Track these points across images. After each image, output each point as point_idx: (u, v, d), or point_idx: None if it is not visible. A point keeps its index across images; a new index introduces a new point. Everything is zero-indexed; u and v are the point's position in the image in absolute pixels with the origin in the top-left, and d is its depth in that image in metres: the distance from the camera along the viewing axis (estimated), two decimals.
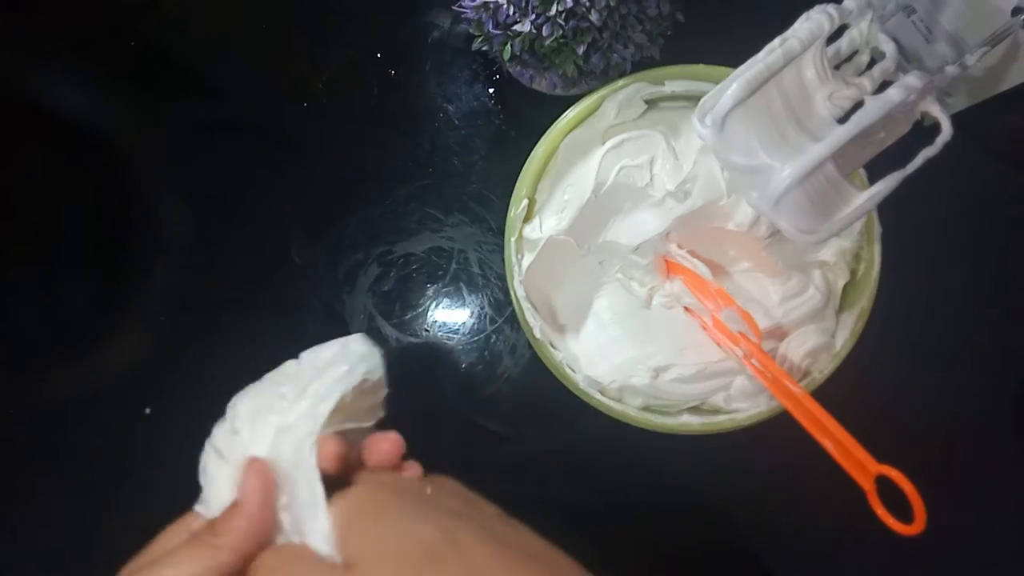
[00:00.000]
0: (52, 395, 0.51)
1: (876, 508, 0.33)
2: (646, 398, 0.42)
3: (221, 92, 0.54)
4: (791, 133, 0.32)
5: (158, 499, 0.48)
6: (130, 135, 0.53)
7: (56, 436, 0.51)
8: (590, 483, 0.51)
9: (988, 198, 0.50)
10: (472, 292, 0.51)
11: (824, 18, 0.32)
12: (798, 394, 0.37)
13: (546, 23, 0.38)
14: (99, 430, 0.51)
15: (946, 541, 0.49)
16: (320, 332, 0.51)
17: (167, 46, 0.53)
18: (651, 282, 0.44)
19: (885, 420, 0.44)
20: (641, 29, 0.40)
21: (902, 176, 0.32)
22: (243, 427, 0.32)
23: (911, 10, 0.43)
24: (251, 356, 0.50)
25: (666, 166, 0.43)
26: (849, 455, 0.34)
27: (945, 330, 0.50)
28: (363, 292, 0.51)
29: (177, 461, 0.51)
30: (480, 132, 0.52)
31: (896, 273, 0.41)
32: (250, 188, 0.51)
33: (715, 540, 0.51)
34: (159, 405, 0.51)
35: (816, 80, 0.32)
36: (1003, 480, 0.50)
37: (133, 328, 0.50)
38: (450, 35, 0.52)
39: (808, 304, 0.42)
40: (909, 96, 0.31)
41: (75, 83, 0.53)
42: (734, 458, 0.48)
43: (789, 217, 0.32)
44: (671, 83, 0.42)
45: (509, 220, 0.42)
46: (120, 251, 0.52)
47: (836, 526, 0.49)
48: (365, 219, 0.52)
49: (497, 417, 0.50)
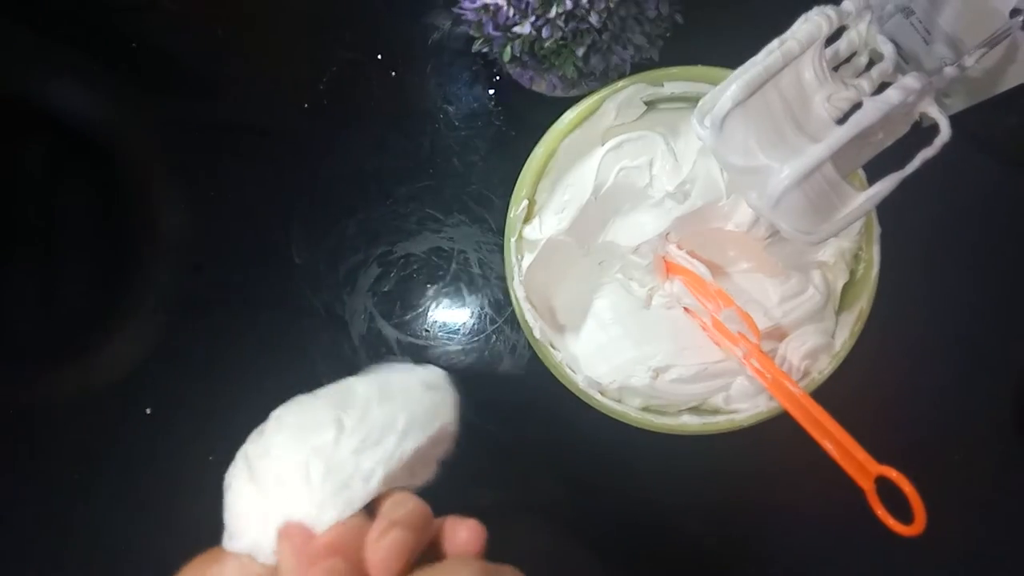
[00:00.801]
0: (52, 395, 0.51)
1: (876, 509, 0.33)
2: (646, 398, 0.42)
3: (221, 92, 0.54)
4: (790, 134, 0.32)
5: (159, 499, 0.48)
6: (130, 135, 0.53)
7: (56, 436, 0.51)
8: (590, 483, 0.51)
9: (987, 199, 0.51)
10: (472, 293, 0.52)
11: (823, 20, 0.32)
12: (798, 395, 0.37)
13: (546, 25, 0.38)
14: (99, 430, 0.51)
15: (946, 542, 0.49)
16: (321, 333, 0.51)
17: (167, 46, 0.53)
18: (651, 283, 0.44)
19: (885, 420, 0.44)
20: (640, 31, 0.40)
21: (901, 177, 0.32)
22: (281, 451, 0.26)
23: (909, 11, 0.43)
24: (251, 356, 0.51)
25: (665, 167, 0.43)
26: (849, 456, 0.34)
27: (944, 330, 0.50)
28: (363, 292, 0.51)
29: (178, 461, 0.51)
30: (480, 133, 0.52)
31: (895, 274, 0.41)
32: (250, 188, 0.51)
33: (715, 541, 0.51)
34: (159, 405, 0.51)
35: (815, 81, 0.32)
36: (1004, 481, 0.50)
37: (133, 328, 0.50)
38: (450, 37, 0.52)
39: (807, 304, 0.42)
40: (908, 97, 0.31)
41: (75, 83, 0.53)
42: (734, 458, 0.48)
43: (788, 218, 0.32)
44: (670, 84, 0.43)
45: (509, 221, 0.42)
46: (120, 251, 0.52)
47: (836, 527, 0.49)
48: (365, 220, 0.52)
49: (497, 417, 0.50)
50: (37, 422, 0.51)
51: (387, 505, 0.26)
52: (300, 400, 0.29)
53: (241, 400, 0.39)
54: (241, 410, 0.30)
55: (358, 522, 0.25)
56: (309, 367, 0.51)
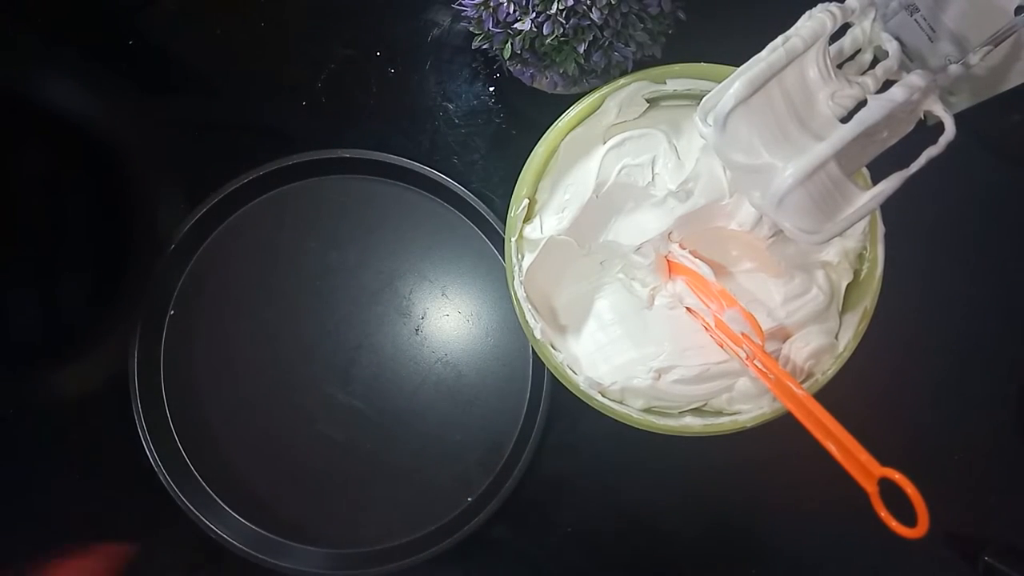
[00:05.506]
0: (52, 395, 0.51)
1: (879, 511, 0.33)
2: (648, 399, 0.42)
3: (219, 91, 0.54)
4: (794, 132, 0.31)
5: (159, 499, 0.48)
6: (129, 134, 0.52)
7: (56, 436, 0.51)
8: (591, 484, 0.51)
9: (992, 197, 0.50)
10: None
11: (827, 17, 0.31)
12: (801, 396, 0.37)
13: (547, 21, 0.38)
14: (99, 430, 0.51)
15: (947, 542, 0.49)
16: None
17: (166, 44, 0.53)
18: (653, 282, 0.44)
19: (889, 422, 0.44)
20: (643, 27, 0.40)
21: (905, 175, 0.32)
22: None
23: (914, 8, 0.42)
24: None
25: (668, 165, 0.42)
26: (852, 457, 0.34)
27: (949, 330, 0.50)
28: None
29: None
30: (480, 131, 0.52)
31: (900, 273, 0.41)
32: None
33: (716, 541, 0.51)
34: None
35: (819, 79, 0.32)
36: (1006, 481, 0.50)
37: (132, 328, 0.49)
38: (450, 33, 0.52)
39: (811, 305, 0.42)
40: (912, 95, 0.31)
41: (73, 81, 0.52)
42: (736, 460, 0.48)
43: (792, 217, 0.32)
44: (673, 82, 0.42)
45: (509, 220, 0.42)
46: (119, 251, 0.52)
47: (838, 528, 0.49)
48: None
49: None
50: (37, 422, 0.51)
51: None
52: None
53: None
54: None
55: None
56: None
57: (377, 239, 0.51)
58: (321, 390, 0.51)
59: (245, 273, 0.52)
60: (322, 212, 0.51)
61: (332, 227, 0.51)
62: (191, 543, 0.49)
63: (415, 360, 0.51)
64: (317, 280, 0.51)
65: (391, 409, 0.50)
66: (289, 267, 0.51)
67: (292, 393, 0.51)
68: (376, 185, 0.51)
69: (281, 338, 0.51)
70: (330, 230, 0.51)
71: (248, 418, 0.51)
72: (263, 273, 0.51)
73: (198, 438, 0.51)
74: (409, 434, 0.50)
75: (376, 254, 0.51)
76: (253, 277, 0.52)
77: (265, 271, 0.51)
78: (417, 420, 0.50)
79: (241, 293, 0.51)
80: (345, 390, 0.51)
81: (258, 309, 0.51)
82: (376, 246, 0.51)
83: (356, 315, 0.51)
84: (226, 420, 0.51)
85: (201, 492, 0.50)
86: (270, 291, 0.51)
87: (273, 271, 0.51)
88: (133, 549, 0.42)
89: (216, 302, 0.51)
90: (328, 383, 0.51)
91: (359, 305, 0.51)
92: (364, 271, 0.51)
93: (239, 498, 0.50)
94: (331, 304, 0.51)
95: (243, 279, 0.52)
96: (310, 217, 0.51)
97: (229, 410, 0.51)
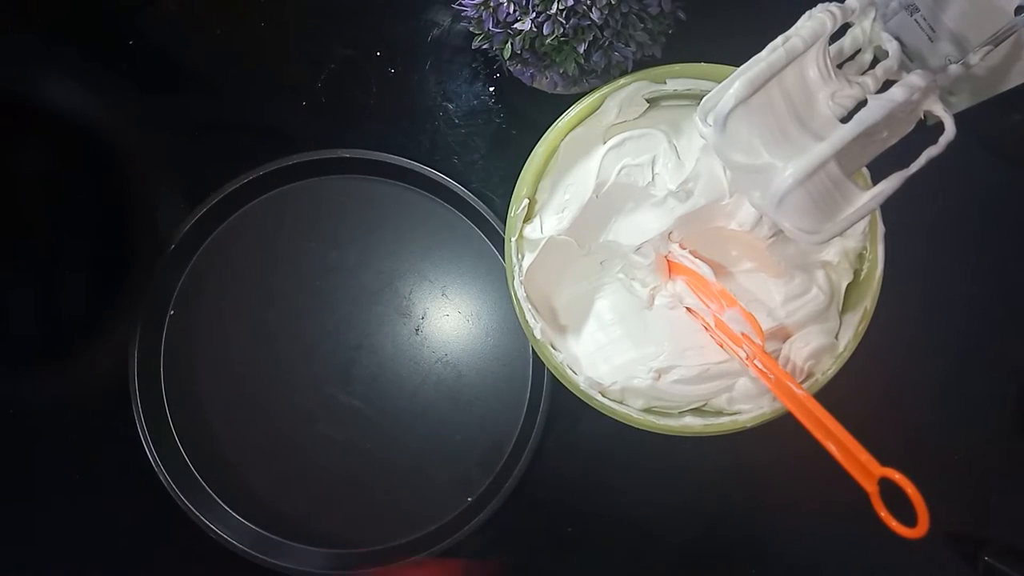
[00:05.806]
0: (52, 395, 0.51)
1: (879, 511, 0.33)
2: (648, 399, 0.42)
3: (219, 91, 0.54)
4: (794, 132, 0.31)
5: (159, 499, 0.48)
6: (128, 134, 0.53)
7: (56, 436, 0.51)
8: (591, 484, 0.50)
9: (992, 197, 0.50)
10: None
11: (827, 16, 0.31)
12: (801, 396, 0.37)
13: (547, 21, 0.38)
14: (99, 430, 0.51)
15: (947, 542, 0.49)
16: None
17: (166, 44, 0.53)
18: (653, 282, 0.44)
19: (889, 422, 0.44)
20: (643, 27, 0.40)
21: (905, 175, 0.32)
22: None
23: (914, 9, 0.42)
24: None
25: (668, 165, 0.42)
26: (852, 457, 0.34)
27: (949, 331, 0.50)
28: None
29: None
30: (480, 131, 0.52)
31: (900, 273, 0.41)
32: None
33: (716, 541, 0.51)
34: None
35: (819, 79, 0.32)
36: (1006, 481, 0.50)
37: (132, 328, 0.49)
38: (450, 33, 0.52)
39: (811, 305, 0.42)
40: (912, 95, 0.31)
41: (73, 81, 0.52)
42: (737, 460, 0.48)
43: (792, 217, 0.32)
44: (673, 81, 0.42)
45: (509, 220, 0.42)
46: (119, 251, 0.52)
47: (838, 528, 0.49)
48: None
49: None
50: (37, 422, 0.51)
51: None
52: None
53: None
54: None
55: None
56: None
57: (377, 239, 0.51)
58: (321, 390, 0.51)
59: (245, 273, 0.52)
60: (322, 212, 0.51)
61: (332, 227, 0.51)
62: (191, 543, 0.49)
63: (415, 360, 0.51)
64: (317, 280, 0.51)
65: (391, 409, 0.50)
66: (289, 267, 0.51)
67: (292, 393, 0.51)
68: (376, 185, 0.51)
69: (281, 338, 0.51)
70: (330, 230, 0.51)
71: (248, 418, 0.51)
72: (263, 273, 0.51)
73: (198, 438, 0.51)
74: (409, 434, 0.50)
75: (376, 254, 0.51)
76: (253, 277, 0.52)
77: (265, 271, 0.51)
78: (417, 420, 0.50)
79: (241, 293, 0.51)
80: (345, 390, 0.50)
81: (258, 309, 0.51)
82: (376, 246, 0.51)
83: (356, 315, 0.51)
84: (226, 420, 0.51)
85: (201, 492, 0.50)
86: (270, 291, 0.51)
87: (273, 271, 0.51)
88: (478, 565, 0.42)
89: (216, 302, 0.51)
90: (328, 383, 0.51)
91: (359, 305, 0.51)
92: (364, 271, 0.51)
93: (239, 498, 0.50)
94: (331, 304, 0.51)
95: (243, 279, 0.52)
96: (310, 217, 0.51)
97: (229, 410, 0.51)
